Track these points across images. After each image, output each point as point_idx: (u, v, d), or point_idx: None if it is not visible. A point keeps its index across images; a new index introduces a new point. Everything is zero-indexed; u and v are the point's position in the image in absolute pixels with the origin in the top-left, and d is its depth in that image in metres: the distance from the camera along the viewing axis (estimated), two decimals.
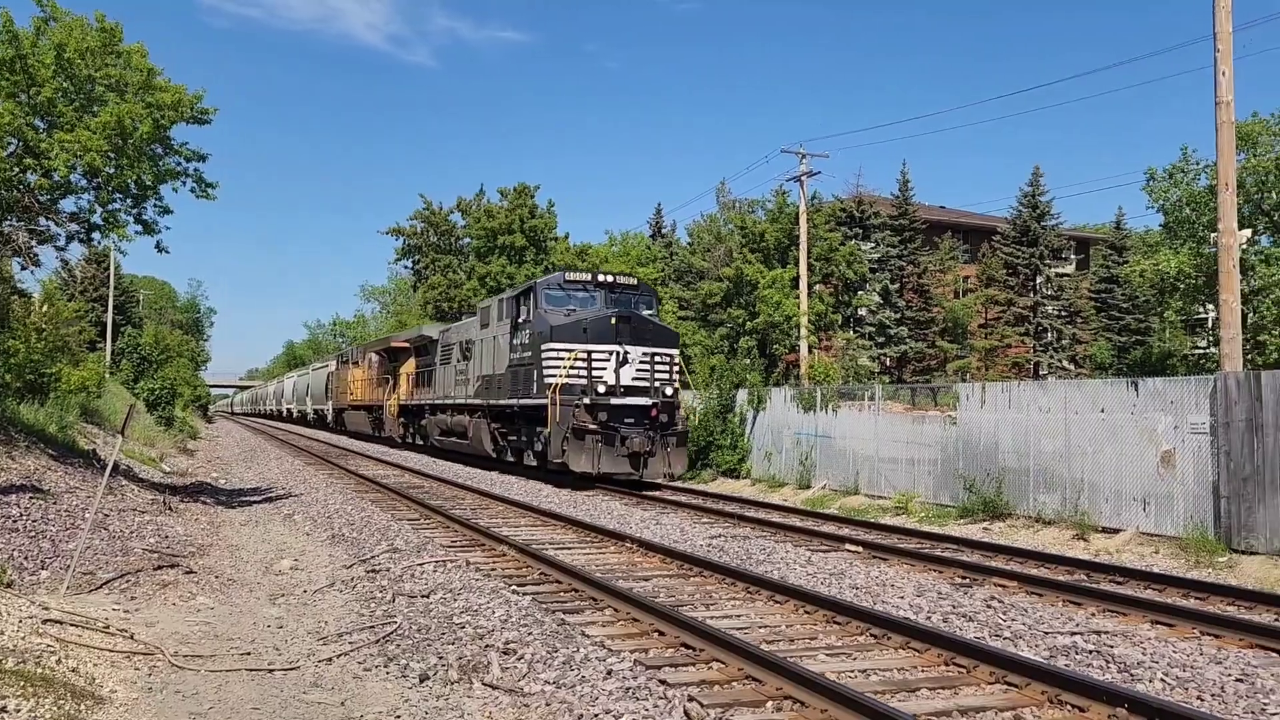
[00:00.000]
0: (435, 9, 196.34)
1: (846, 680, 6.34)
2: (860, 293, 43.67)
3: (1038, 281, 48.57)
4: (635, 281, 22.36)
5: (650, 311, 21.66)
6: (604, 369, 19.56)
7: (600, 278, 21.57)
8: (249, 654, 7.29)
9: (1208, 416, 12.85)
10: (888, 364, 45.51)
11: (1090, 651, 7.35)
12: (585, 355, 19.51)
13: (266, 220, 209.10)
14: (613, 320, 19.88)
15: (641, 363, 19.93)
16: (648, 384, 19.90)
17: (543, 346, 20.03)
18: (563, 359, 19.52)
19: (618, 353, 19.69)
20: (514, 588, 9.41)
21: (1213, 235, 18.68)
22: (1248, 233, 19.50)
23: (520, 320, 21.70)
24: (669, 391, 20.05)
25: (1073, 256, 53.53)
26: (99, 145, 14.16)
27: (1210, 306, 33.86)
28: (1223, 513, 12.47)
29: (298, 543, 12.89)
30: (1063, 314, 48.51)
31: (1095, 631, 8.07)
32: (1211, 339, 36.01)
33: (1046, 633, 7.96)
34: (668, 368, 20.30)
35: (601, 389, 19.35)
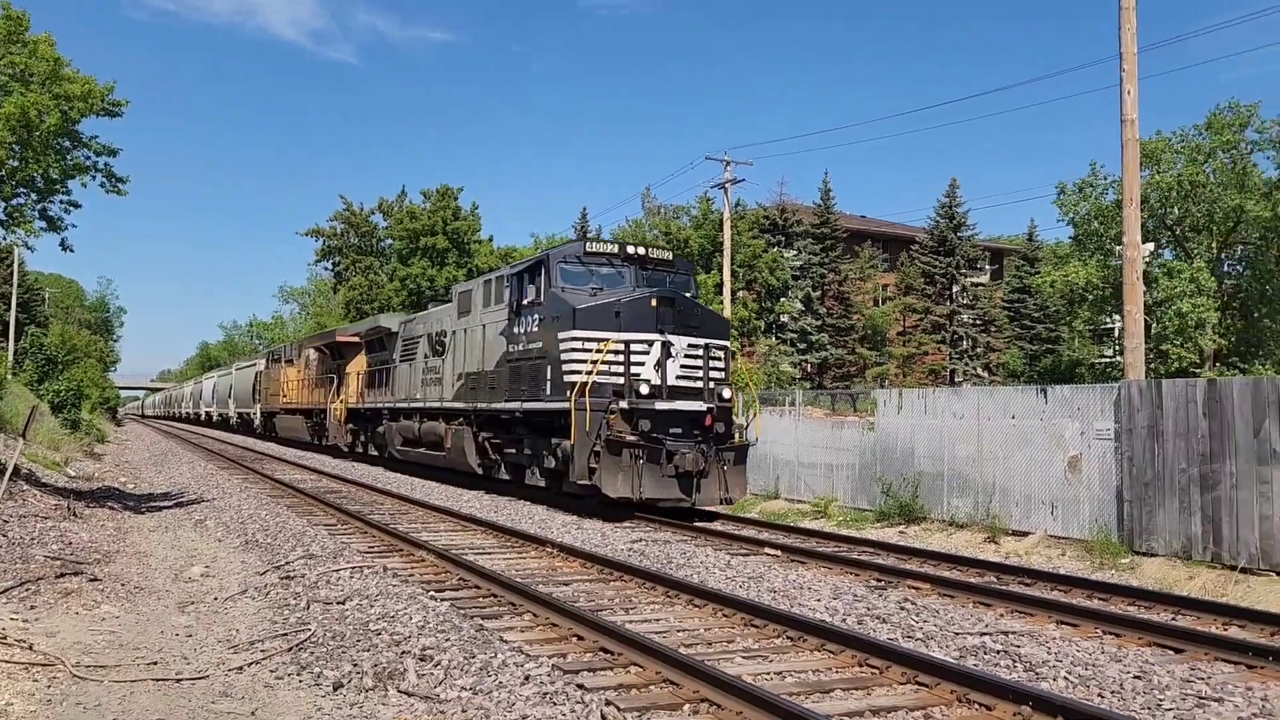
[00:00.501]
0: (359, 5, 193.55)
1: (763, 682, 6.42)
2: (783, 299, 44.28)
3: (954, 290, 49.80)
4: (671, 257, 18.18)
5: (691, 294, 17.73)
6: (643, 364, 15.60)
7: (630, 250, 17.43)
8: (156, 664, 7.08)
9: (1112, 423, 13.31)
10: (809, 370, 46.21)
11: (998, 651, 7.55)
12: (622, 347, 15.40)
13: (182, 218, 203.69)
14: (653, 303, 15.81)
15: (689, 357, 15.99)
16: (700, 384, 15.99)
17: (561, 335, 15.97)
18: (590, 351, 15.46)
19: (661, 344, 15.66)
20: (432, 593, 9.31)
21: (1118, 248, 19.39)
22: (1150, 246, 20.30)
23: (525, 303, 17.44)
24: (725, 394, 16.17)
25: (987, 267, 55.06)
26: (2, 137, 13.66)
27: (1116, 317, 35.10)
28: (1125, 516, 12.93)
29: (209, 549, 12.56)
30: (977, 322, 49.82)
31: (1003, 632, 8.29)
32: (1117, 348, 37.32)
33: (957, 633, 8.15)
34: (722, 364, 16.53)
35: (644, 390, 15.30)
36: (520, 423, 17.80)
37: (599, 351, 15.39)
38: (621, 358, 15.43)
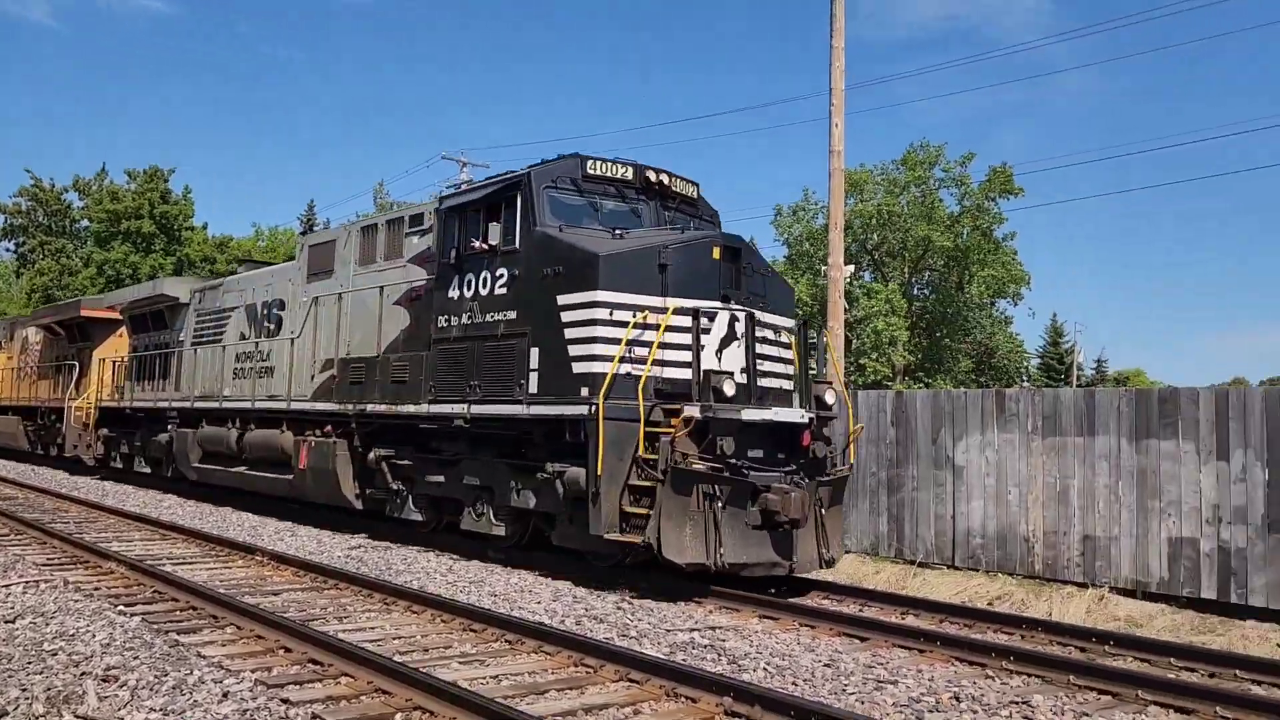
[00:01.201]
0: None
1: (478, 686, 6.37)
2: None
3: None
4: (696, 193, 12.53)
5: None
6: (709, 348, 10.28)
7: (650, 175, 11.84)
8: None
9: None
10: None
11: (706, 646, 7.92)
12: (688, 321, 10.07)
13: None
14: (715, 252, 10.68)
15: (769, 342, 11.01)
16: (790, 382, 11.22)
17: (567, 299, 10.42)
18: (622, 326, 10.03)
19: (730, 318, 10.46)
20: (121, 608, 8.54)
21: (824, 269, 20.98)
22: (852, 268, 22.11)
23: (475, 251, 11.64)
24: (828, 399, 10.97)
25: None
26: None
27: (822, 331, 37.91)
28: None
29: None
30: None
31: (711, 627, 8.71)
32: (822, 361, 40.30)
33: (669, 630, 8.48)
34: (819, 351, 11.96)
35: (729, 389, 9.89)
36: (459, 436, 12.06)
37: (641, 326, 10.06)
38: (688, 337, 10.12)
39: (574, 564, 11.33)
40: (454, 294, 12.03)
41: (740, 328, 10.43)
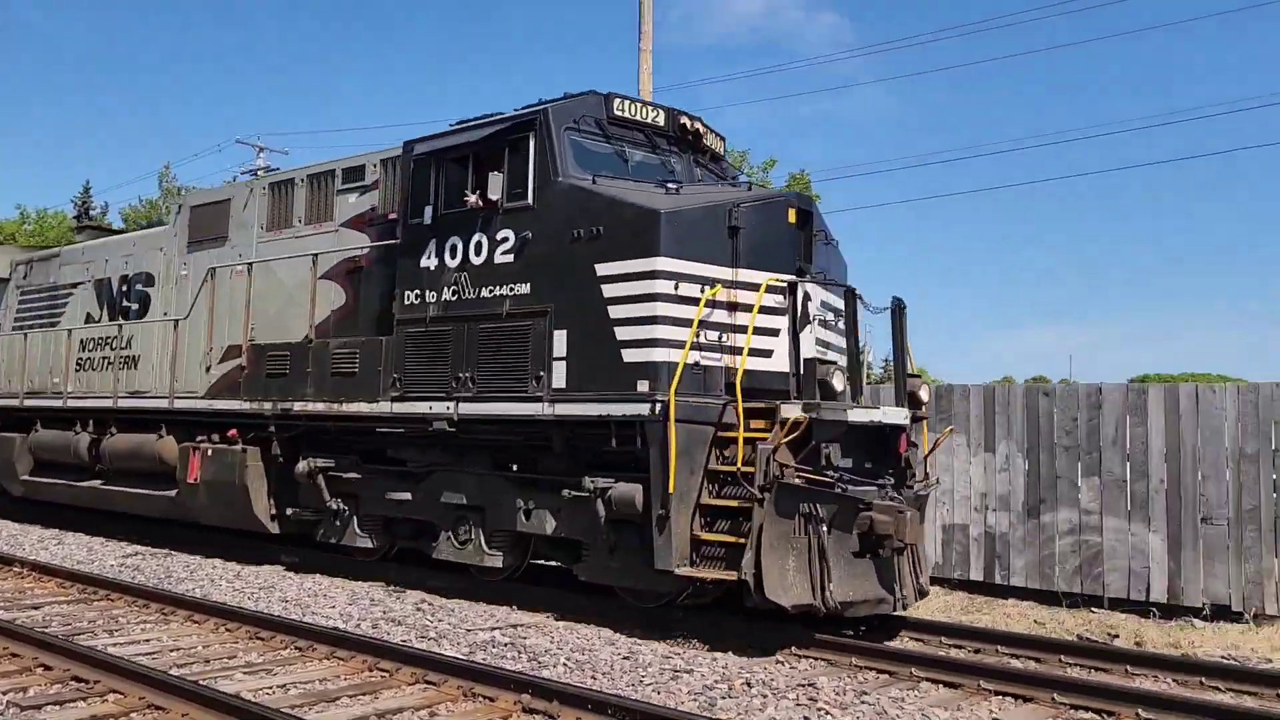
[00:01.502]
0: None
1: (264, 697, 6.09)
2: None
3: None
4: (723, 147, 10.85)
5: None
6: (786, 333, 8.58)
7: (685, 122, 10.01)
8: None
9: None
10: None
11: (506, 644, 7.87)
12: (780, 299, 8.44)
13: None
14: (791, 215, 8.89)
15: (848, 333, 9.04)
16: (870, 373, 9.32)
17: (610, 269, 8.42)
18: (692, 303, 8.17)
19: (805, 297, 8.62)
20: None
21: None
22: None
23: (465, 206, 9.37)
24: (923, 395, 9.21)
25: None
26: None
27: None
28: None
29: None
30: None
31: (513, 625, 8.66)
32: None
33: (469, 630, 8.37)
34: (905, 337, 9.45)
35: (839, 384, 8.40)
36: (434, 442, 9.77)
37: (711, 304, 8.29)
38: (774, 319, 8.50)
39: (368, 567, 10.91)
40: (430, 263, 9.72)
41: (814, 308, 8.80)
